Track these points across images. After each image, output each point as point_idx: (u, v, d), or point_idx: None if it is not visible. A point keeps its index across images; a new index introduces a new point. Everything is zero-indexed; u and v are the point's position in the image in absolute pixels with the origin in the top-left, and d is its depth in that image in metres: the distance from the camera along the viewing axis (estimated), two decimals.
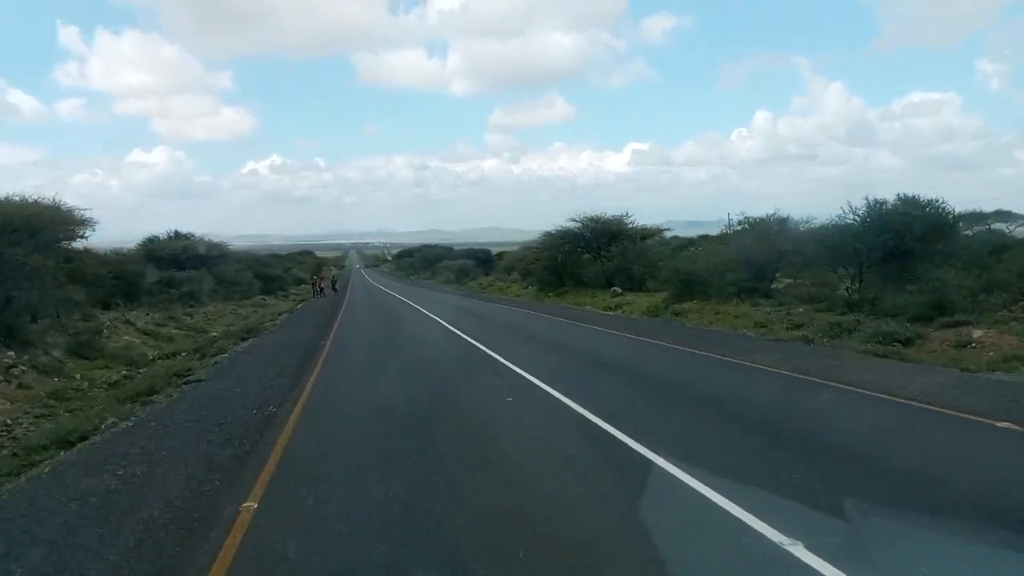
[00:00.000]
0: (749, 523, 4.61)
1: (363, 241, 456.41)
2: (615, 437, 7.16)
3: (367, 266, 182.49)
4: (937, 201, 18.29)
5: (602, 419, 7.88)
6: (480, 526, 4.85)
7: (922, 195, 18.34)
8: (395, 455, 6.75)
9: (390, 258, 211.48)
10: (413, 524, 4.87)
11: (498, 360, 13.70)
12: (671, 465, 5.97)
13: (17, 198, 16.46)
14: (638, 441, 6.84)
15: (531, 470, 6.32)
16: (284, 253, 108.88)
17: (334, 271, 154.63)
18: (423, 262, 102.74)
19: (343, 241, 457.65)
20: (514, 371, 12.13)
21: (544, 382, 10.60)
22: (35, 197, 17.12)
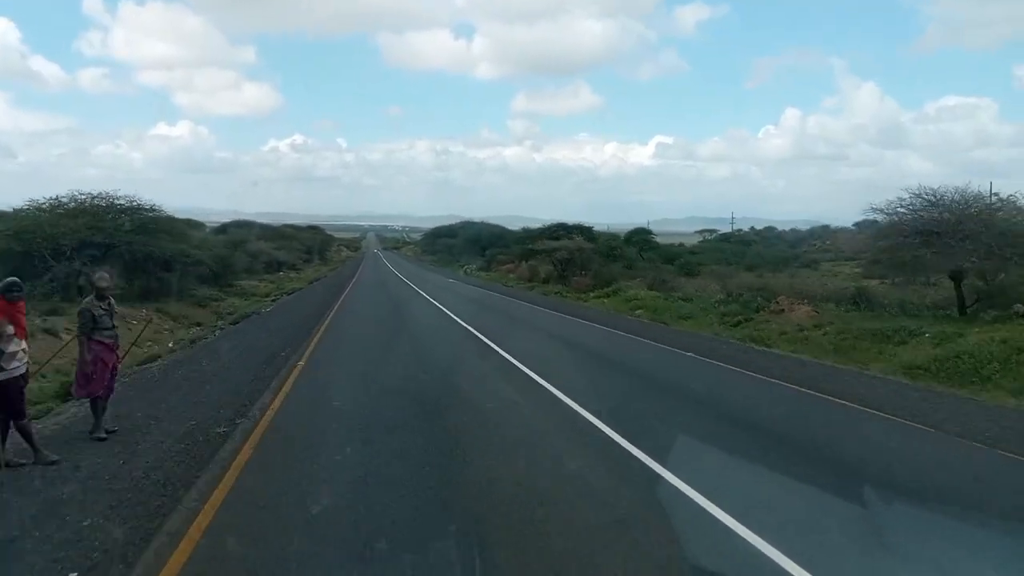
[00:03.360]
0: None
1: (383, 224, 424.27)
2: None
3: (386, 248, 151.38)
4: None
5: None
6: None
7: None
8: None
9: (408, 240, 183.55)
10: None
11: None
12: None
13: None
14: None
15: None
16: (274, 225, 75.11)
17: (345, 252, 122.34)
18: (470, 244, 68.70)
19: (362, 223, 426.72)
20: None
21: None
22: None
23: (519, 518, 4.81)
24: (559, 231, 48.70)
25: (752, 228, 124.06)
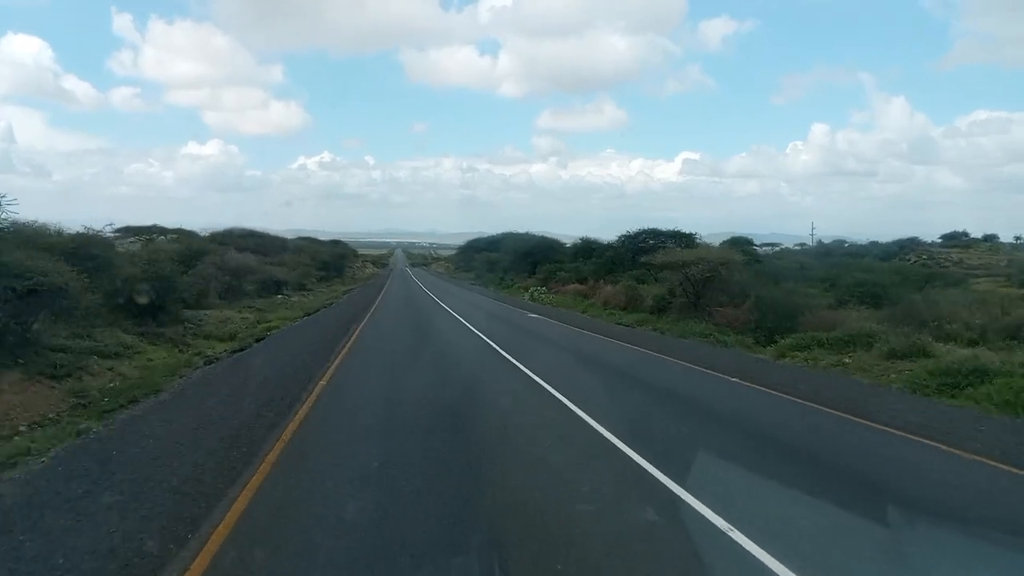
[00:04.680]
0: None
1: (409, 241, 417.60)
2: None
3: (414, 264, 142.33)
4: None
5: None
6: None
7: None
8: None
9: (436, 256, 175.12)
10: None
11: None
12: None
13: None
14: None
15: None
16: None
17: (370, 269, 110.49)
18: (516, 259, 55.69)
19: (390, 240, 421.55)
20: None
21: None
22: None
23: None
24: (647, 237, 35.67)
25: (819, 242, 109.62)
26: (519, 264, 56.10)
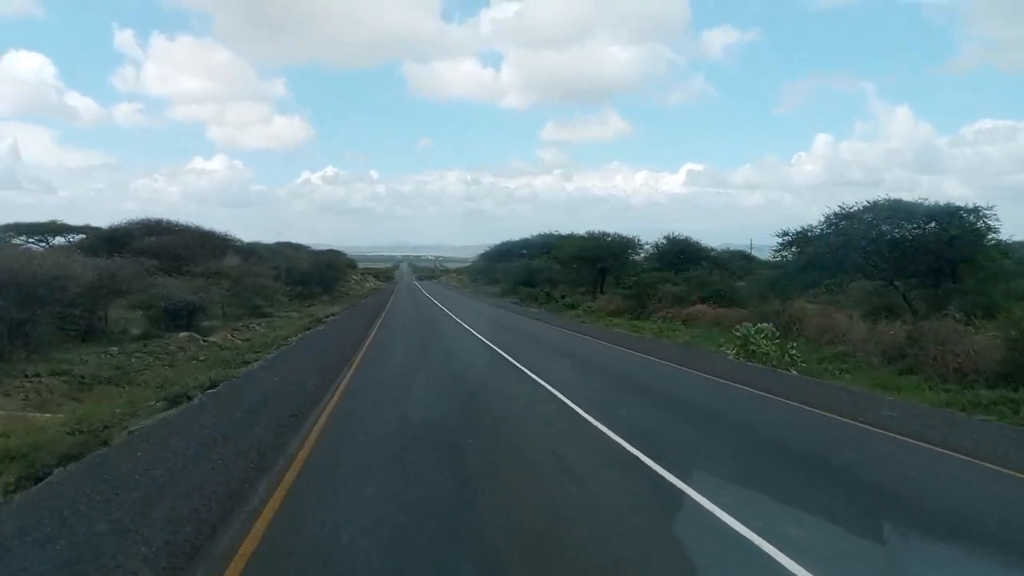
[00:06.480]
0: None
1: (415, 254, 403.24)
2: None
3: (420, 278, 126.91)
4: None
5: None
6: None
7: None
8: None
9: (443, 268, 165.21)
10: None
11: None
12: None
13: None
14: None
15: None
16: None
17: (371, 283, 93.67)
18: (575, 269, 38.55)
19: (396, 254, 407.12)
20: None
21: None
22: None
23: None
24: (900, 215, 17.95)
25: None
26: (575, 274, 39.09)
